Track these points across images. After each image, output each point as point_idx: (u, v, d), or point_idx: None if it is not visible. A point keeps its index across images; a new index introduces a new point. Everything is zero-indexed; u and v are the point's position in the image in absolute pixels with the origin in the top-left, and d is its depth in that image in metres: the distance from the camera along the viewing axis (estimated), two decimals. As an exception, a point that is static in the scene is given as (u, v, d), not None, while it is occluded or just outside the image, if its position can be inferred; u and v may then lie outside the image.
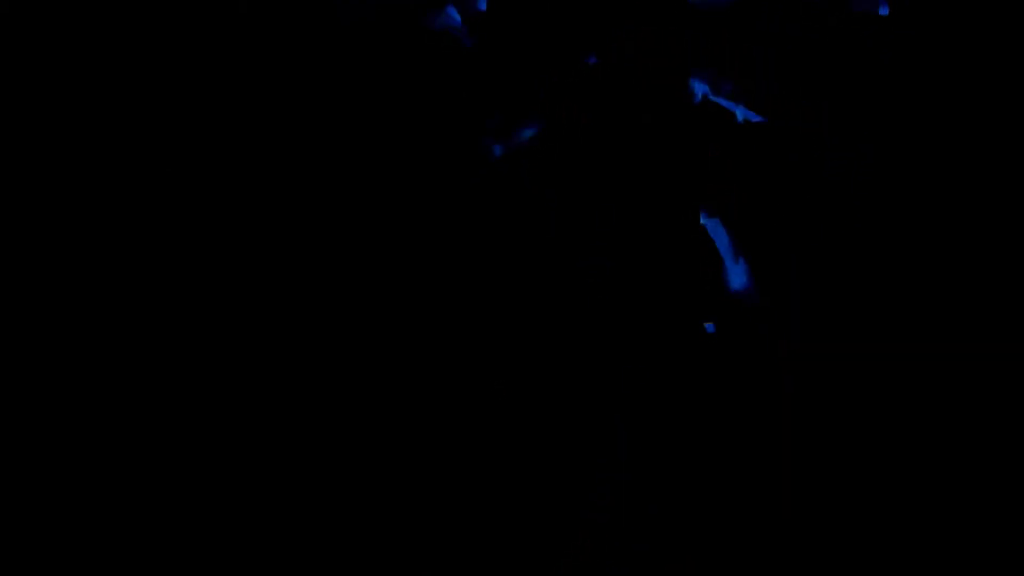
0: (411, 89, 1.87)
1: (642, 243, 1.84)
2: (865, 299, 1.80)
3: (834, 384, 1.76)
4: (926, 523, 1.66)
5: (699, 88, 1.94)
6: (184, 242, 1.81)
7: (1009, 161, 1.72)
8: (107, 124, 1.84)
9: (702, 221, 1.86)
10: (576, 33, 1.88)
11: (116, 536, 1.70)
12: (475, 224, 1.82)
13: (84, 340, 1.77)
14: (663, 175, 1.87)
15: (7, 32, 1.83)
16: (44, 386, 1.75)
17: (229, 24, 1.87)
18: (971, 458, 1.67)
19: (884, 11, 1.79)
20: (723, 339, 1.91)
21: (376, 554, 1.70)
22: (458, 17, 1.87)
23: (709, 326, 1.89)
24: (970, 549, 1.63)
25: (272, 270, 1.79)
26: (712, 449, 1.78)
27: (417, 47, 1.88)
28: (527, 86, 1.86)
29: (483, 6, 1.86)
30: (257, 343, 1.77)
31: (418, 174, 1.84)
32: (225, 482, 1.72)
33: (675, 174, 1.88)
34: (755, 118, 1.92)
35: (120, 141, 1.84)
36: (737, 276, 1.93)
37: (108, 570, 1.69)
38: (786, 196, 1.91)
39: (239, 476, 1.73)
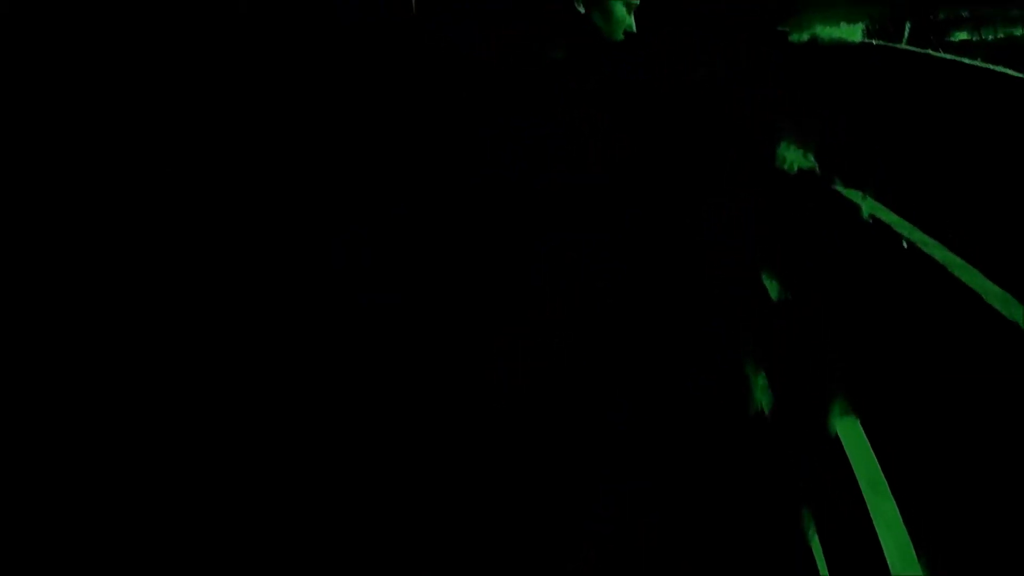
0: (415, 91, 1.86)
1: (656, 247, 1.82)
2: (873, 303, 1.77)
3: (838, 388, 1.73)
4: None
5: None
6: (183, 241, 1.81)
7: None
8: (107, 124, 1.83)
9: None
10: (592, 36, 1.86)
11: (110, 534, 1.69)
12: (482, 225, 1.80)
13: (77, 335, 1.76)
14: (677, 179, 1.85)
15: (7, 32, 1.83)
16: (35, 383, 1.74)
17: (229, 24, 1.87)
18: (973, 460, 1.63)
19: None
20: (729, 346, 1.88)
21: (379, 564, 1.68)
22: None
23: (715, 333, 1.86)
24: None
25: (273, 269, 1.79)
26: (714, 457, 1.76)
27: (419, 49, 1.87)
28: (544, 89, 1.84)
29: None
30: (257, 342, 1.76)
31: (429, 175, 1.83)
32: (223, 480, 1.71)
33: (689, 179, 1.86)
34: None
35: (120, 141, 1.83)
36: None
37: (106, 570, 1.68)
38: (798, 202, 1.88)
39: (237, 474, 1.72)
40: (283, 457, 1.74)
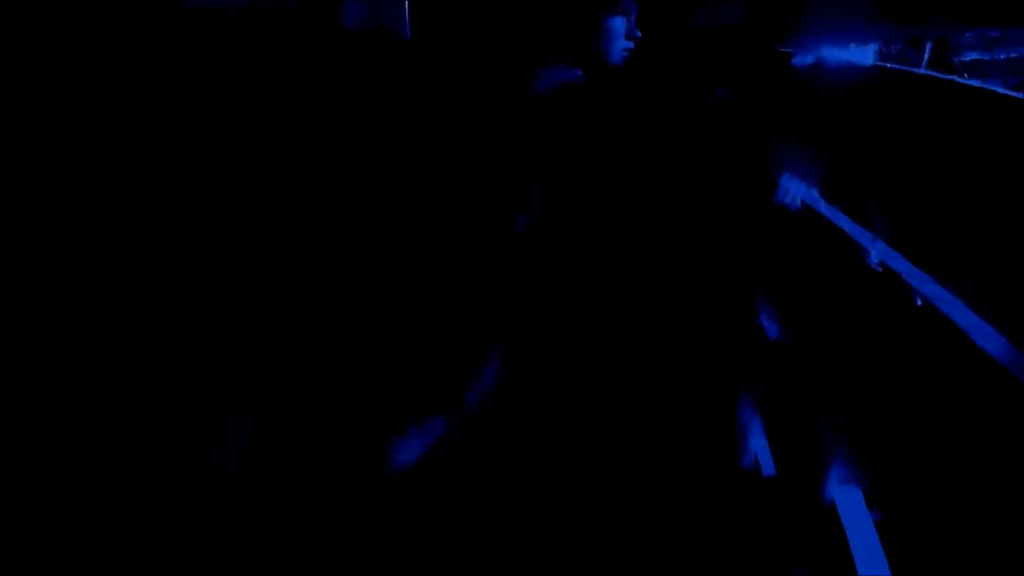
0: (415, 91, 1.86)
1: (656, 247, 1.82)
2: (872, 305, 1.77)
3: (839, 390, 1.73)
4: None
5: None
6: (182, 241, 1.81)
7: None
8: (107, 124, 1.84)
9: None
10: (591, 38, 1.87)
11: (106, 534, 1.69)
12: (482, 225, 1.80)
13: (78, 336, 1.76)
14: (677, 179, 1.85)
15: (7, 32, 1.83)
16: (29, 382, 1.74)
17: (229, 24, 1.87)
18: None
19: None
20: (731, 345, 1.88)
21: (378, 564, 1.68)
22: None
23: (717, 331, 1.86)
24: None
25: (272, 269, 1.79)
26: (714, 457, 1.76)
27: (420, 49, 1.88)
28: (545, 87, 1.84)
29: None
30: (257, 342, 1.76)
31: (429, 175, 1.83)
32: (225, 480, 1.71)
33: (689, 179, 1.86)
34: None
35: (120, 141, 1.83)
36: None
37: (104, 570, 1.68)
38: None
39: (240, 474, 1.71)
40: (282, 456, 1.74)
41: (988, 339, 1.49)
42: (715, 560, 1.68)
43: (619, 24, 1.81)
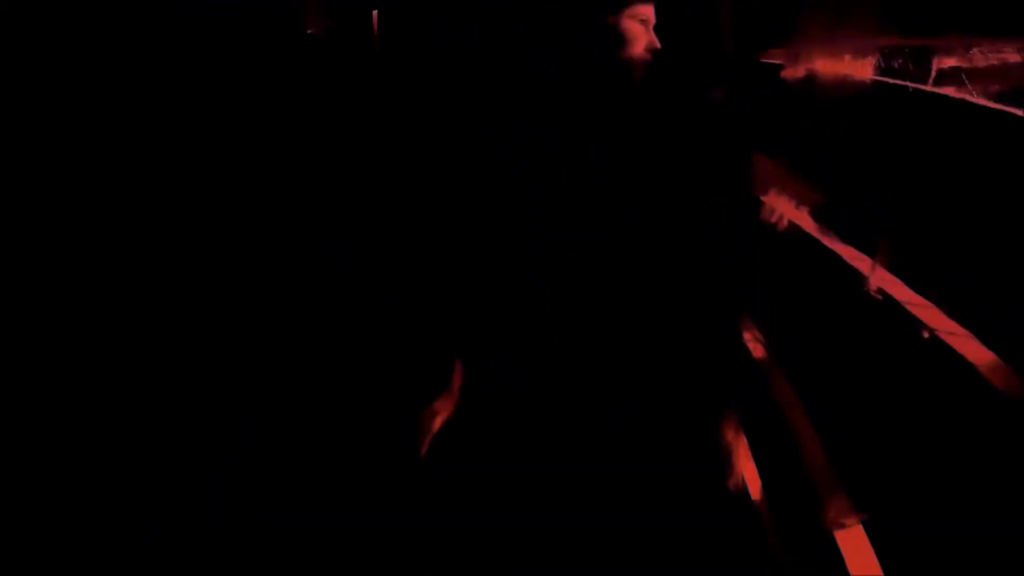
0: (416, 91, 1.87)
1: (656, 247, 1.82)
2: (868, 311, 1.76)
3: (838, 390, 1.73)
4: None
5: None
6: (184, 241, 1.81)
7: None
8: (108, 125, 1.84)
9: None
10: (591, 37, 1.87)
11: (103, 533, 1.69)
12: (482, 225, 1.80)
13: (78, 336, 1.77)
14: (677, 180, 1.85)
15: (7, 32, 1.83)
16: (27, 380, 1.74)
17: (231, 25, 1.88)
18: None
19: None
20: (730, 344, 1.88)
21: (378, 563, 1.68)
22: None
23: (717, 331, 1.86)
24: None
25: (273, 269, 1.79)
26: (714, 457, 1.76)
27: (420, 49, 1.88)
28: (544, 89, 1.85)
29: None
30: (258, 341, 1.76)
31: (429, 175, 1.83)
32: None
33: (689, 179, 1.86)
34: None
35: (121, 142, 1.83)
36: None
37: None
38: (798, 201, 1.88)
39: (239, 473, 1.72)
40: (283, 455, 1.74)
41: (1002, 376, 1.36)
42: (713, 560, 1.68)
43: (634, 29, 1.80)
